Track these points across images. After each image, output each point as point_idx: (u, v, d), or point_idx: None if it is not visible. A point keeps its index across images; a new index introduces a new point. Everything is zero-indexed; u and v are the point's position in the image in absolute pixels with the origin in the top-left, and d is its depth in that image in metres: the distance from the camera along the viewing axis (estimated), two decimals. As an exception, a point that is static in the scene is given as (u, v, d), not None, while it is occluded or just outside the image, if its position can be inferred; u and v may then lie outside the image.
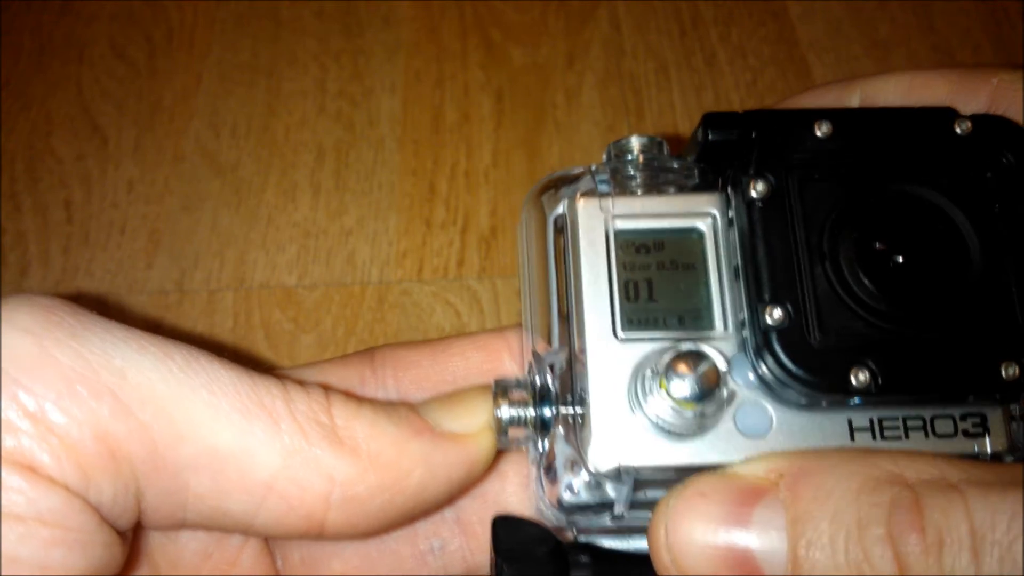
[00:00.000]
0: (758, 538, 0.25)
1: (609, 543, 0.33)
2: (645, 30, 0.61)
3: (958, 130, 0.30)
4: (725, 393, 0.28)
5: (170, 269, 0.52)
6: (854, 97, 0.36)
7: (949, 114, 0.31)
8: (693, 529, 0.26)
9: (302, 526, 0.27)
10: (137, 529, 0.29)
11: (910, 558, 0.23)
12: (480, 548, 0.37)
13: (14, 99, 0.58)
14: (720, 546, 0.25)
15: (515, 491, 0.37)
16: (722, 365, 0.28)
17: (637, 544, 0.33)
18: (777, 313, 0.28)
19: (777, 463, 0.27)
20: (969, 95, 0.34)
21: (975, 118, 0.30)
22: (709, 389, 0.28)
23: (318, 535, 0.28)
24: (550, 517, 0.32)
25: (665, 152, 0.33)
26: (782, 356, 0.28)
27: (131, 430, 0.25)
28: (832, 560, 0.24)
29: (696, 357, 0.28)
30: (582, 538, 0.33)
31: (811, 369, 0.28)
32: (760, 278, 0.29)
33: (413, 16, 0.61)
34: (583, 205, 0.32)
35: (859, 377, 0.28)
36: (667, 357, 0.28)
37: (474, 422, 0.31)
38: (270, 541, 0.36)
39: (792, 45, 0.60)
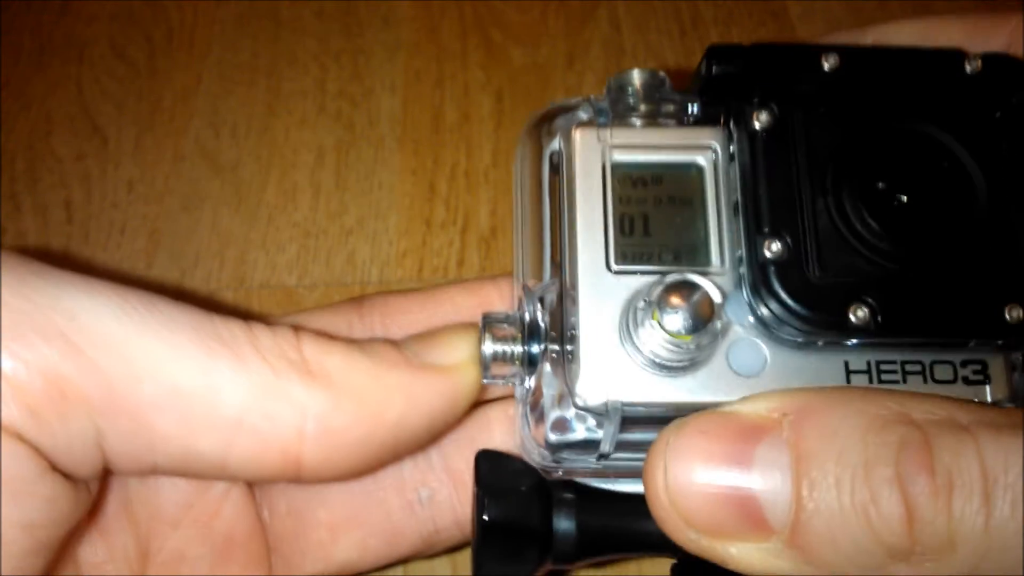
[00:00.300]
0: (761, 478, 0.24)
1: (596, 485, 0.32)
2: (645, 30, 0.61)
3: (968, 68, 0.29)
4: (719, 326, 0.27)
5: (170, 269, 0.52)
6: (867, 41, 0.35)
7: (959, 55, 0.30)
8: (693, 468, 0.25)
9: (278, 464, 0.27)
10: (107, 476, 0.29)
11: (919, 500, 0.22)
12: (468, 499, 0.35)
13: (14, 99, 0.58)
14: (721, 486, 0.24)
15: (503, 440, 0.36)
16: (716, 296, 0.27)
17: (624, 487, 0.31)
18: (776, 246, 0.27)
19: (781, 401, 0.25)
20: (986, 38, 0.33)
21: (985, 57, 0.29)
22: (703, 320, 0.27)
23: (296, 475, 0.27)
24: (535, 456, 0.31)
25: (667, 87, 0.32)
26: (779, 290, 0.27)
27: (83, 370, 0.24)
28: (837, 502, 0.23)
29: (690, 287, 0.27)
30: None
31: (809, 304, 0.27)
32: (760, 209, 0.28)
33: (413, 16, 0.61)
34: (580, 135, 0.31)
35: (858, 314, 0.27)
36: (660, 288, 0.27)
37: (457, 355, 0.30)
38: (256, 492, 0.34)
39: (792, 45, 0.60)
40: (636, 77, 0.32)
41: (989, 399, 0.29)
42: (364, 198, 0.55)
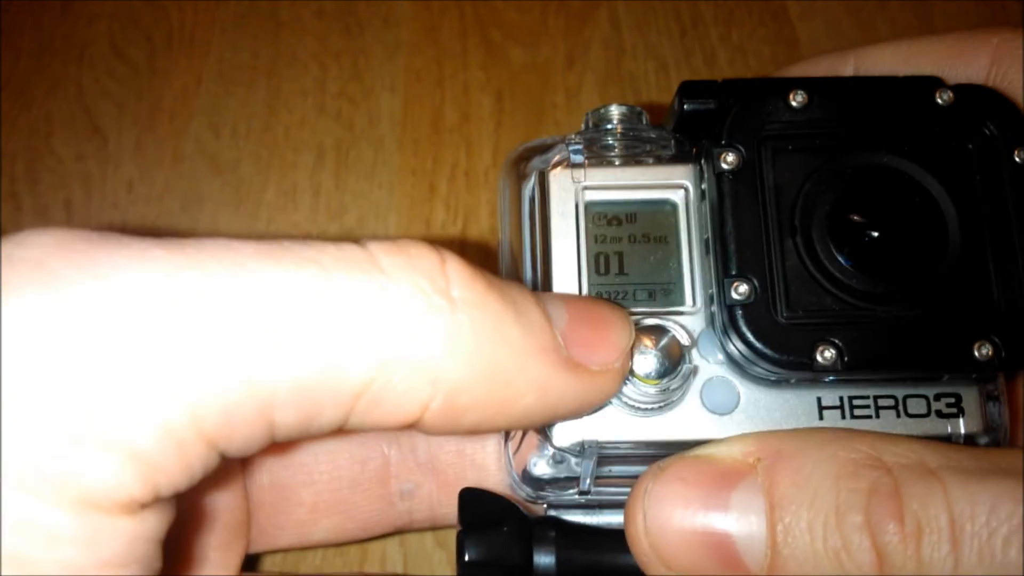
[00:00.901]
0: (737, 523, 0.25)
1: (580, 517, 0.32)
2: (645, 30, 0.61)
3: (939, 100, 0.29)
4: (688, 369, 0.28)
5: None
6: (847, 67, 0.35)
7: (932, 83, 0.30)
8: (672, 514, 0.25)
9: (390, 427, 0.24)
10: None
11: (888, 547, 0.23)
12: (448, 499, 0.36)
13: (14, 99, 0.58)
14: (699, 531, 0.25)
15: (494, 449, 0.36)
16: (684, 339, 0.28)
17: (608, 519, 0.32)
18: (743, 288, 0.27)
19: (755, 444, 0.26)
20: (969, 59, 0.33)
21: (958, 88, 0.29)
22: (672, 365, 0.27)
23: (396, 430, 0.25)
24: (519, 491, 0.31)
25: (644, 121, 0.32)
26: (746, 332, 0.27)
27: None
28: (811, 547, 0.24)
29: (658, 332, 0.28)
30: (552, 512, 0.32)
31: (775, 346, 0.27)
32: (727, 252, 0.28)
33: (413, 16, 0.61)
34: (554, 176, 0.31)
35: (824, 355, 0.27)
36: None
37: (609, 358, 0.26)
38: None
39: (792, 45, 0.60)
40: (614, 113, 0.32)
41: (963, 432, 0.29)
42: (364, 198, 0.55)
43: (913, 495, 0.23)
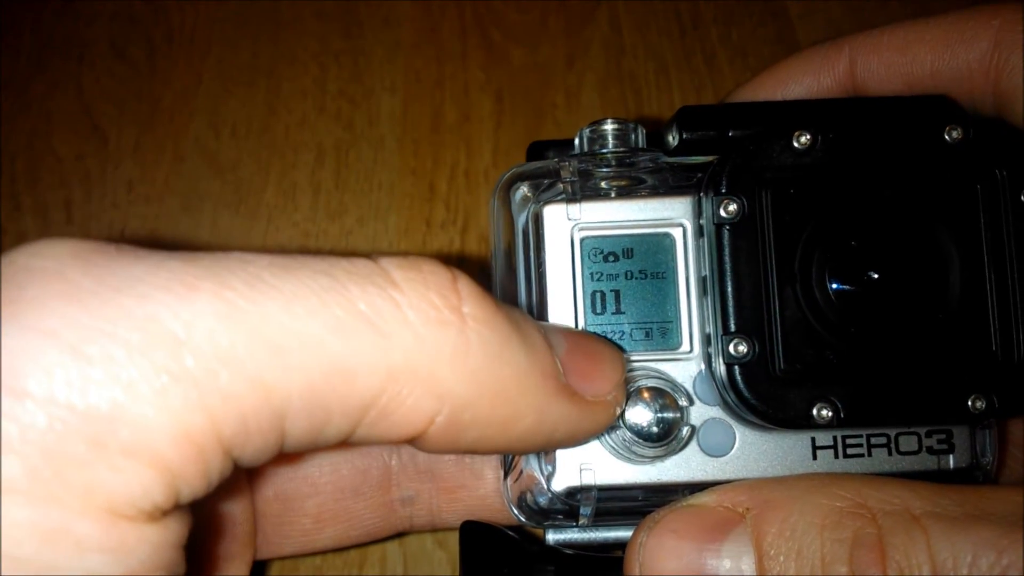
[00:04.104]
0: (729, 572, 0.26)
1: (579, 535, 0.33)
2: (645, 30, 0.61)
3: (948, 138, 0.28)
4: (686, 431, 0.29)
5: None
6: (843, 58, 0.34)
7: (942, 111, 0.29)
8: (665, 566, 0.26)
9: (394, 440, 0.24)
10: None
11: None
12: (447, 504, 0.37)
13: (14, 99, 0.58)
14: None
15: (493, 456, 0.36)
16: (683, 400, 0.28)
17: (607, 534, 0.33)
18: (742, 347, 0.27)
19: (744, 494, 0.27)
20: (970, 43, 0.31)
21: (969, 123, 0.28)
22: (669, 430, 0.28)
23: (396, 444, 0.25)
24: (522, 518, 0.32)
25: (641, 138, 0.32)
26: (744, 391, 0.27)
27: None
28: None
29: (657, 394, 0.29)
30: (551, 534, 0.32)
31: (772, 404, 0.27)
32: (727, 308, 0.28)
33: (413, 16, 0.61)
34: (549, 213, 0.30)
35: (821, 414, 0.27)
36: (630, 391, 0.28)
37: (603, 389, 0.26)
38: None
39: (792, 45, 0.60)
40: (609, 129, 0.32)
41: (952, 467, 0.29)
42: (364, 198, 0.55)
43: (896, 545, 0.24)
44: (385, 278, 0.22)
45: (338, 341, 0.21)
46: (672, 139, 0.30)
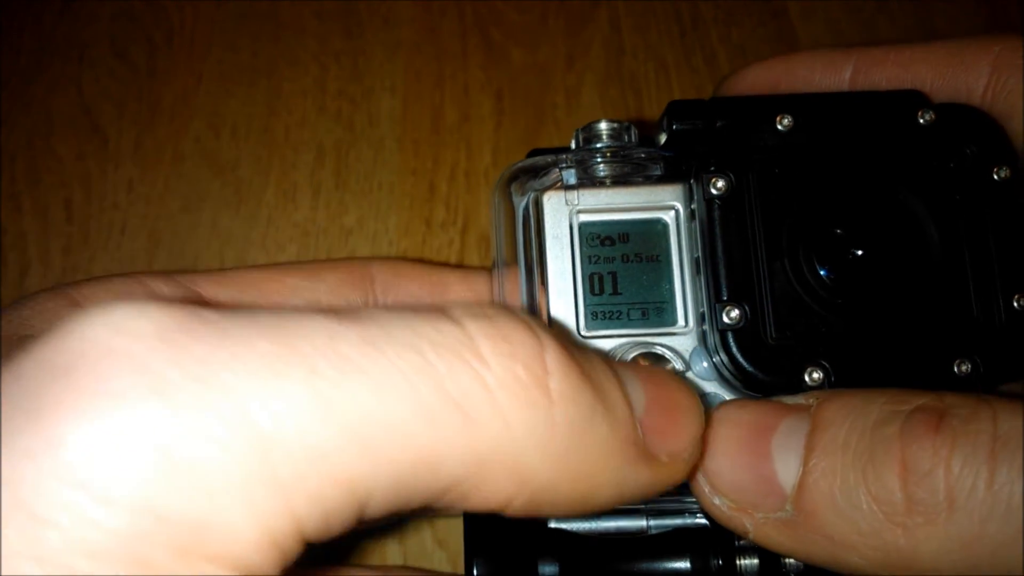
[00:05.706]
0: (777, 443, 0.25)
1: (583, 524, 0.33)
2: (645, 30, 0.61)
3: (921, 120, 0.30)
4: None
5: (170, 269, 0.52)
6: (847, 67, 0.35)
7: (914, 102, 0.31)
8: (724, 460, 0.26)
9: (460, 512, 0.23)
10: None
11: (915, 453, 0.22)
12: None
13: (14, 99, 0.58)
14: (745, 450, 0.26)
15: None
16: (680, 366, 0.29)
17: (609, 524, 0.33)
18: (734, 313, 0.29)
19: (816, 394, 0.27)
20: (970, 66, 0.33)
21: (939, 108, 0.30)
22: None
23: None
24: None
25: (634, 136, 0.33)
26: (738, 356, 0.29)
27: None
28: (840, 461, 0.24)
29: (655, 360, 0.29)
30: (553, 520, 0.32)
31: (765, 368, 0.28)
32: (718, 277, 0.29)
33: (413, 16, 0.61)
34: (548, 199, 0.32)
35: (813, 376, 0.28)
36: (628, 357, 0.29)
37: (680, 447, 0.25)
38: None
39: (792, 45, 0.60)
40: (604, 129, 0.33)
41: None
42: (364, 198, 0.55)
43: (957, 415, 0.22)
44: (472, 352, 0.21)
45: (427, 430, 0.20)
46: (663, 132, 0.32)
